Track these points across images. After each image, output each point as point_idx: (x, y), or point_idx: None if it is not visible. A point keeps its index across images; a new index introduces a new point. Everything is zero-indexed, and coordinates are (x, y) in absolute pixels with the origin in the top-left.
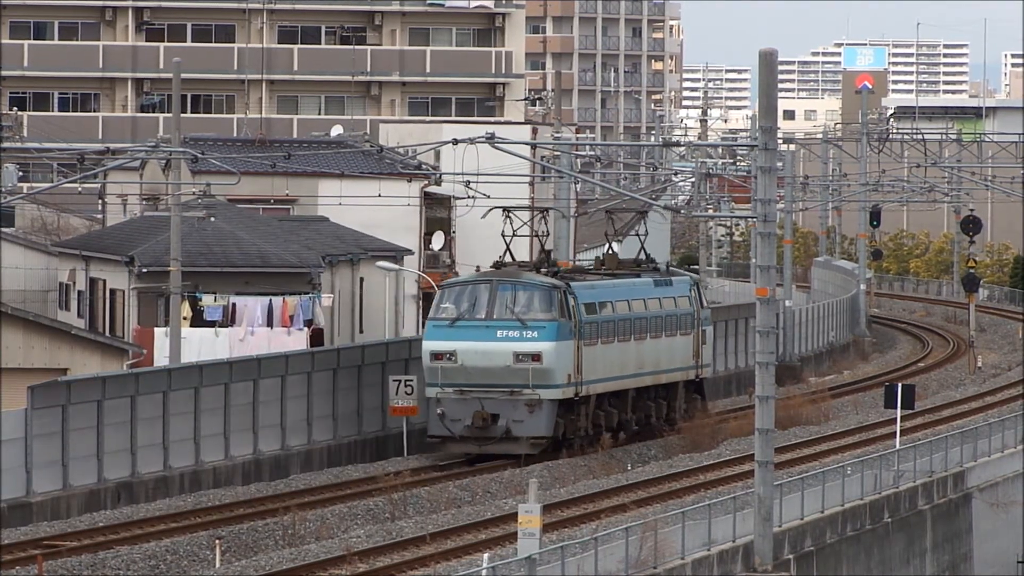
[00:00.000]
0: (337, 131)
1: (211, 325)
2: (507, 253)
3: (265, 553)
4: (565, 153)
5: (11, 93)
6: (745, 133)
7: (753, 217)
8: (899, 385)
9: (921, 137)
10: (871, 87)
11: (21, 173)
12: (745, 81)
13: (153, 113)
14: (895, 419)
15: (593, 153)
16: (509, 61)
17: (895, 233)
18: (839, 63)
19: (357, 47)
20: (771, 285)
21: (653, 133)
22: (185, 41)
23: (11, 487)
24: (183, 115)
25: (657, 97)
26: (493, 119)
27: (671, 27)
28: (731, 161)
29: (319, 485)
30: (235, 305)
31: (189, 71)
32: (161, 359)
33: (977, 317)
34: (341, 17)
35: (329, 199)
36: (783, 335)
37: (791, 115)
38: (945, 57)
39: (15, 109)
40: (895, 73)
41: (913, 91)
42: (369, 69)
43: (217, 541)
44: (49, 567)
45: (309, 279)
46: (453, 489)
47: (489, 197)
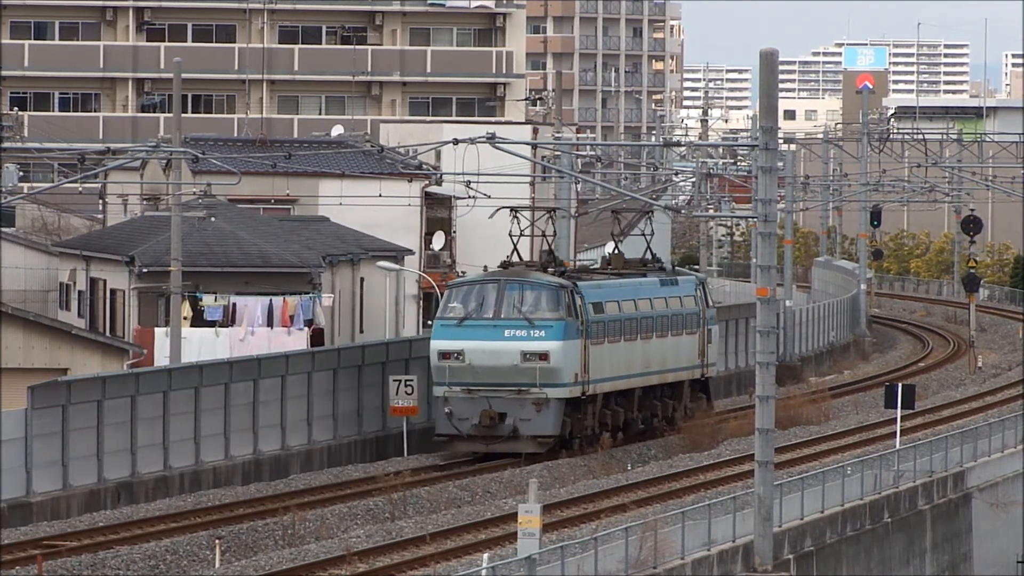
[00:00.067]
0: (338, 131)
1: (211, 325)
2: (514, 253)
3: (265, 553)
4: (566, 153)
5: (11, 93)
6: (746, 133)
7: (753, 217)
8: (899, 385)
9: (922, 137)
10: (872, 87)
11: (22, 173)
12: (746, 81)
13: (154, 113)
14: (895, 419)
15: (594, 153)
16: (510, 61)
17: (895, 233)
18: (840, 63)
19: (358, 47)
20: (771, 285)
21: (654, 133)
22: (186, 41)
23: (11, 487)
24: (184, 115)
25: (658, 97)
26: (494, 119)
27: (672, 27)
28: (732, 161)
29: (319, 485)
30: (235, 305)
31: (190, 71)
32: (161, 359)
33: (977, 317)
34: (342, 17)
35: (330, 199)
36: (783, 335)
37: (792, 115)
38: (946, 57)
39: (16, 109)
40: (896, 73)
41: (914, 91)
42: (370, 69)
43: (217, 541)
44: (49, 567)
45: (309, 279)
46: (453, 489)
47: (490, 197)
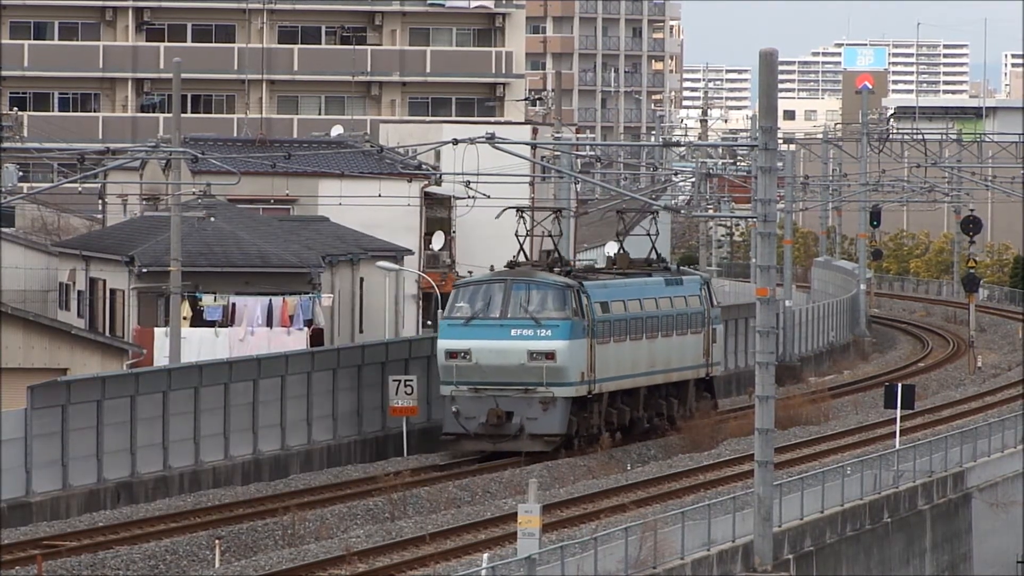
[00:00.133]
0: (337, 131)
1: (211, 325)
2: (520, 253)
3: (265, 553)
4: (565, 153)
5: (11, 93)
6: (745, 133)
7: (753, 217)
8: (899, 385)
9: (921, 137)
10: (871, 87)
11: (21, 173)
12: (745, 81)
13: (153, 113)
14: (895, 419)
15: (593, 153)
16: (509, 61)
17: (895, 233)
18: (839, 63)
19: (357, 47)
20: (771, 285)
21: (653, 133)
22: (185, 41)
23: (11, 487)
24: (183, 115)
25: (657, 97)
26: (493, 119)
27: (671, 27)
28: (731, 161)
29: (319, 485)
30: (235, 305)
31: (189, 71)
32: (161, 359)
33: (977, 317)
34: (341, 17)
35: (329, 199)
36: (783, 335)
37: (791, 115)
38: (945, 57)
39: (15, 109)
40: (895, 73)
41: (913, 91)
42: (369, 69)
43: (217, 541)
44: (49, 567)
45: (309, 279)
46: (453, 489)
47: (489, 197)
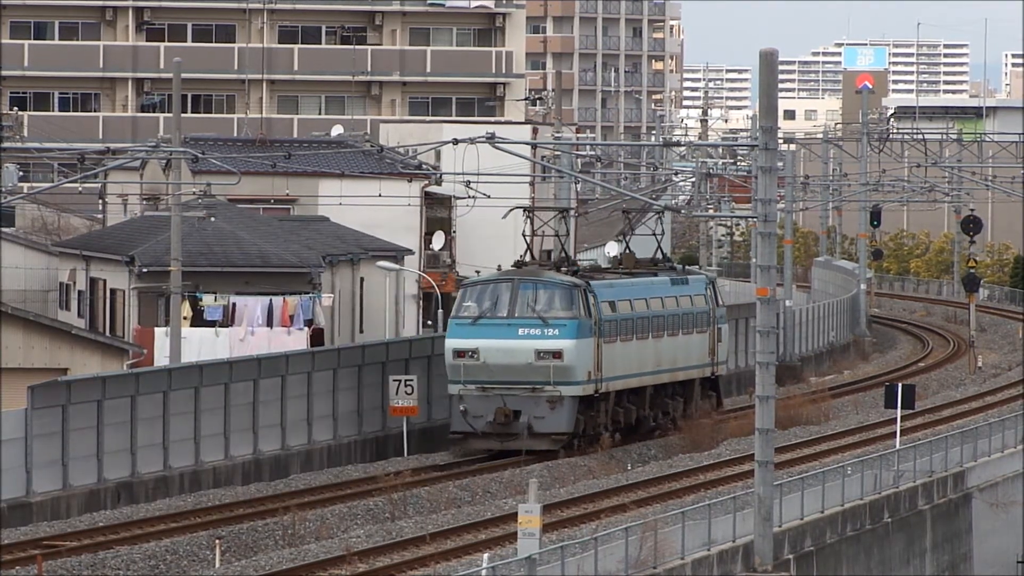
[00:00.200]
0: (337, 131)
1: (211, 325)
2: (527, 252)
3: (265, 553)
4: (565, 153)
5: (11, 93)
6: (745, 133)
7: (753, 217)
8: (899, 385)
9: (921, 137)
10: (871, 87)
11: (21, 173)
12: (746, 81)
13: (153, 113)
14: (895, 419)
15: (593, 153)
16: (509, 61)
17: (895, 233)
18: (839, 63)
19: (357, 47)
20: (771, 285)
21: (653, 133)
22: (185, 41)
23: (11, 487)
24: (183, 115)
25: (657, 97)
26: (493, 119)
27: (671, 27)
28: (731, 161)
29: (319, 485)
30: (235, 305)
31: (189, 71)
32: (161, 359)
33: (977, 317)
34: (341, 17)
35: (329, 199)
36: (783, 335)
37: (791, 115)
38: (945, 57)
39: (15, 109)
40: (895, 73)
41: (913, 91)
42: (369, 69)
43: (217, 541)
44: (49, 567)
45: (309, 279)
46: (453, 489)
47: (489, 197)
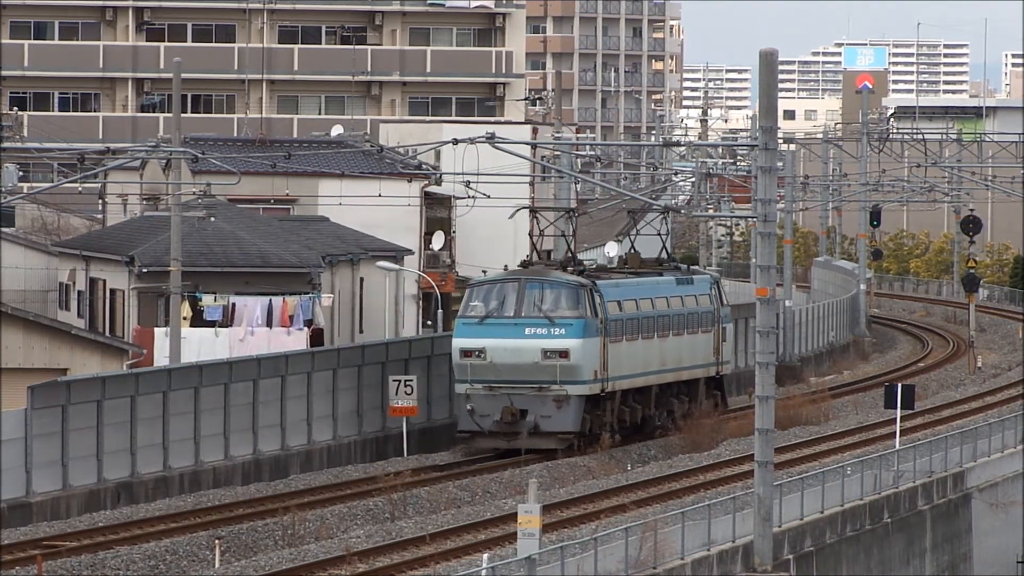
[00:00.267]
0: (337, 131)
1: (211, 325)
2: (533, 252)
3: (265, 553)
4: (565, 153)
5: (11, 93)
6: (745, 133)
7: (753, 217)
8: (899, 385)
9: (921, 137)
10: (871, 87)
11: (21, 173)
12: (745, 81)
13: (153, 113)
14: (895, 419)
15: (593, 153)
16: (509, 61)
17: (895, 233)
18: (839, 63)
19: (357, 47)
20: (771, 285)
21: (653, 133)
22: (185, 41)
23: (11, 487)
24: (183, 115)
25: (657, 97)
26: (493, 119)
27: (671, 27)
28: (731, 161)
29: (319, 485)
30: (235, 305)
31: (189, 71)
32: (161, 359)
33: (977, 317)
34: (341, 17)
35: (329, 199)
36: (783, 335)
37: (791, 115)
38: (945, 57)
39: (15, 109)
40: (895, 73)
41: (913, 91)
42: (369, 69)
43: (217, 541)
44: (49, 567)
45: (309, 279)
46: (453, 489)
47: (489, 197)
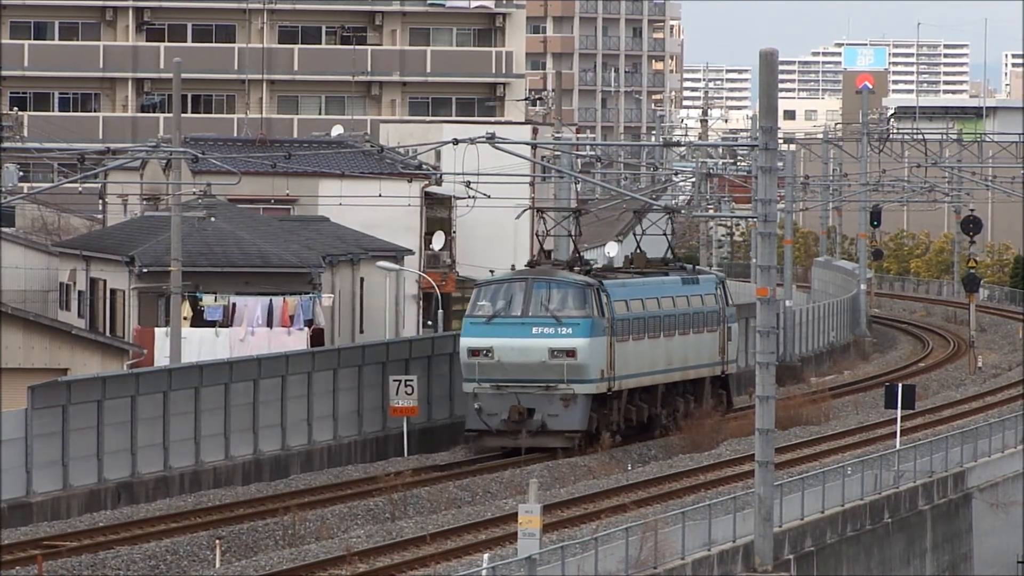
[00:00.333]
0: (337, 131)
1: (211, 325)
2: (541, 252)
3: (265, 553)
4: (565, 153)
5: (11, 93)
6: (745, 133)
7: (753, 217)
8: (899, 385)
9: (921, 137)
10: (871, 87)
11: (21, 173)
12: (746, 81)
13: (153, 113)
14: (895, 419)
15: (593, 153)
16: (509, 61)
17: (895, 233)
18: (839, 63)
19: (357, 47)
20: (771, 285)
21: (653, 133)
22: (185, 41)
23: (11, 487)
24: (183, 115)
25: (657, 97)
26: (493, 119)
27: (672, 27)
28: (731, 161)
29: (319, 485)
30: (235, 305)
31: (189, 71)
32: (161, 359)
33: (977, 317)
34: (341, 17)
35: (329, 199)
36: (783, 335)
37: (792, 115)
38: (945, 57)
39: (15, 109)
40: (895, 73)
41: (914, 91)
42: (369, 69)
43: (217, 541)
44: (49, 567)
45: (309, 279)
46: (453, 489)
47: (489, 197)
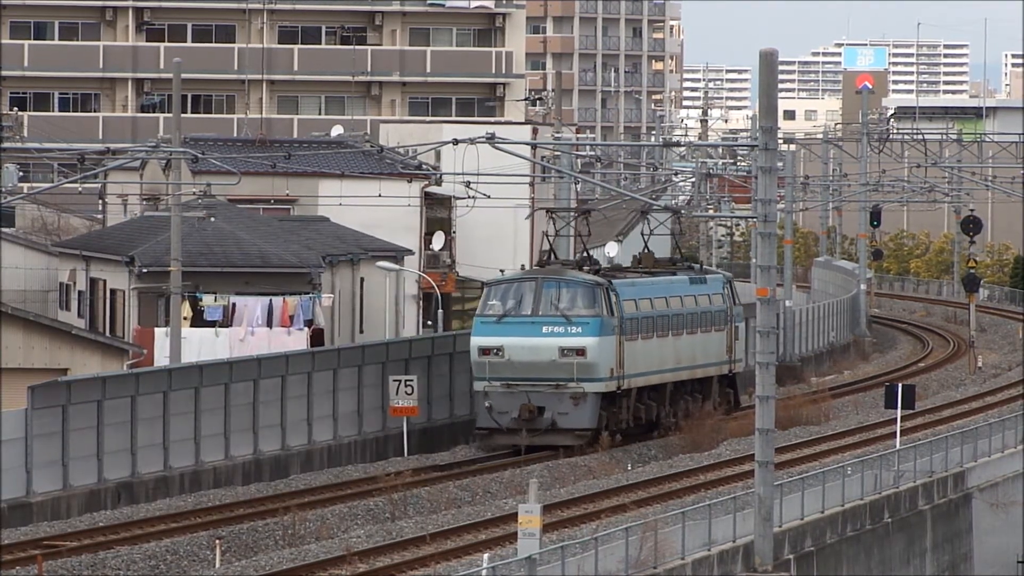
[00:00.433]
0: (337, 131)
1: (211, 325)
2: (550, 252)
3: (265, 553)
4: (565, 153)
5: (11, 93)
6: (745, 133)
7: (753, 217)
8: (899, 385)
9: (921, 137)
10: (871, 87)
11: (21, 173)
12: (745, 81)
13: (153, 113)
14: (895, 419)
15: (593, 153)
16: (509, 61)
17: (895, 233)
18: (839, 63)
19: (357, 47)
20: (771, 285)
21: (653, 133)
22: (185, 41)
23: (11, 487)
24: (183, 115)
25: (657, 97)
26: (493, 119)
27: (671, 27)
28: (731, 161)
29: (319, 485)
30: (235, 305)
31: (189, 71)
32: (161, 359)
33: (977, 317)
34: (341, 17)
35: (329, 199)
36: (783, 335)
37: (791, 115)
38: (945, 57)
39: (15, 109)
40: (895, 73)
41: (913, 91)
42: (369, 69)
43: (217, 541)
44: (49, 567)
45: (309, 279)
46: (453, 489)
47: (489, 197)
